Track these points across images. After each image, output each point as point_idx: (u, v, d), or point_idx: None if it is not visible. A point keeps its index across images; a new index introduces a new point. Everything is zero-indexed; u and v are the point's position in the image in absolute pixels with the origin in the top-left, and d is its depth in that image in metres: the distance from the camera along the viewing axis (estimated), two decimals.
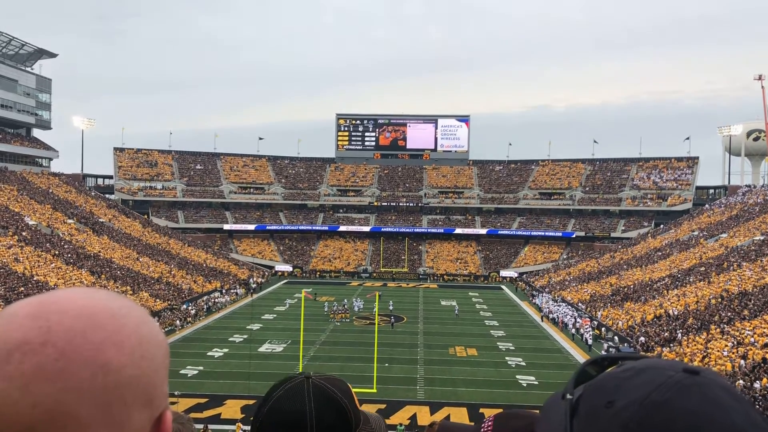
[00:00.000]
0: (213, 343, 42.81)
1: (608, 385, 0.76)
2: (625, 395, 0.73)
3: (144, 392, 0.80)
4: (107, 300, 0.82)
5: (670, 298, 48.75)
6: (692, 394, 0.70)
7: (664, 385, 0.71)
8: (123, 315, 0.81)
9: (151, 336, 0.83)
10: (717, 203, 79.08)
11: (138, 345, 0.80)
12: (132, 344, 0.79)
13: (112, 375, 0.76)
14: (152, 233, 77.14)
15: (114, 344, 0.77)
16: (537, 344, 44.53)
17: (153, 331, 0.84)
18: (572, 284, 65.39)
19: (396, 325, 49.88)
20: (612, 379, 0.77)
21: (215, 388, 32.21)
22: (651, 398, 0.71)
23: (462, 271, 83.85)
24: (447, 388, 33.20)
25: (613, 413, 0.72)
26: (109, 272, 55.63)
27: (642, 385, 0.73)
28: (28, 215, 62.49)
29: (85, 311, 0.78)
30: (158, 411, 0.83)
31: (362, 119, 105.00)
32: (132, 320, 0.81)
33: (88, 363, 0.75)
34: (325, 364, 37.17)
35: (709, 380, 0.73)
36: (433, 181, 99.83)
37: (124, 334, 0.79)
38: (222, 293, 61.83)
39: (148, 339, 0.82)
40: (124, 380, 0.77)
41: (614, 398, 0.73)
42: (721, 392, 0.72)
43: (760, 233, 57.70)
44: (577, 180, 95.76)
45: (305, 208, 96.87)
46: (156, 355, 0.83)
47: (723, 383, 0.73)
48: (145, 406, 0.80)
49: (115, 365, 0.77)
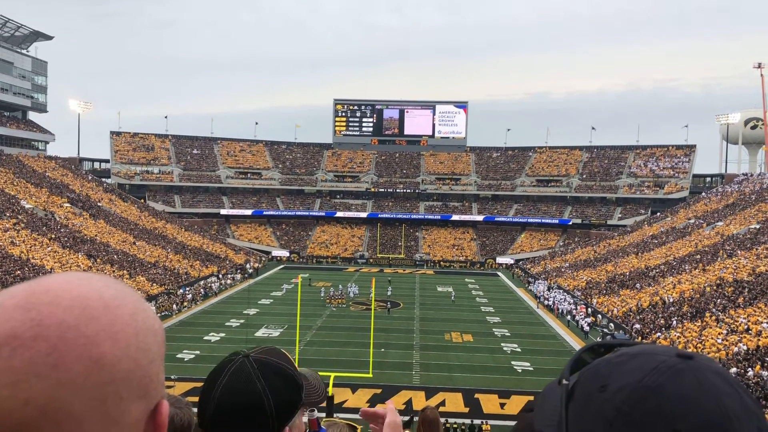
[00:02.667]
0: (210, 327, 42.93)
1: (602, 370, 0.76)
2: (619, 379, 0.73)
3: (139, 385, 0.77)
4: (100, 288, 0.78)
5: (665, 285, 48.97)
6: (685, 378, 0.71)
7: (656, 370, 0.72)
8: (117, 305, 0.77)
9: (146, 325, 0.80)
10: (713, 191, 79.22)
11: (133, 336, 0.77)
12: (127, 336, 0.76)
13: (107, 369, 0.73)
14: (149, 218, 77.06)
15: (108, 337, 0.75)
16: (532, 331, 44.75)
17: (148, 319, 0.81)
18: (568, 271, 65.60)
19: (392, 310, 50.05)
20: (606, 364, 0.77)
21: None
22: (644, 383, 0.71)
23: (458, 258, 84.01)
24: (442, 373, 33.39)
25: (607, 397, 0.73)
26: (106, 256, 55.61)
27: (635, 370, 0.73)
28: (25, 199, 62.31)
29: (77, 302, 0.75)
30: (154, 402, 0.81)
31: (360, 105, 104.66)
32: (126, 310, 0.78)
33: (82, 357, 0.72)
34: (321, 349, 37.37)
35: (703, 365, 0.73)
36: (430, 167, 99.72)
37: (119, 325, 0.76)
38: (219, 278, 61.90)
39: (143, 329, 0.79)
40: (119, 374, 0.74)
41: (608, 382, 0.74)
42: (715, 377, 0.71)
43: (756, 222, 57.88)
44: (575, 167, 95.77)
45: (302, 193, 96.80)
46: (151, 346, 0.80)
47: (717, 368, 0.73)
48: (140, 399, 0.78)
49: (110, 359, 0.74)
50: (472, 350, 38.35)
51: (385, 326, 43.14)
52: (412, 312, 50.04)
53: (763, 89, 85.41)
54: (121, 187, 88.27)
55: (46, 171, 75.38)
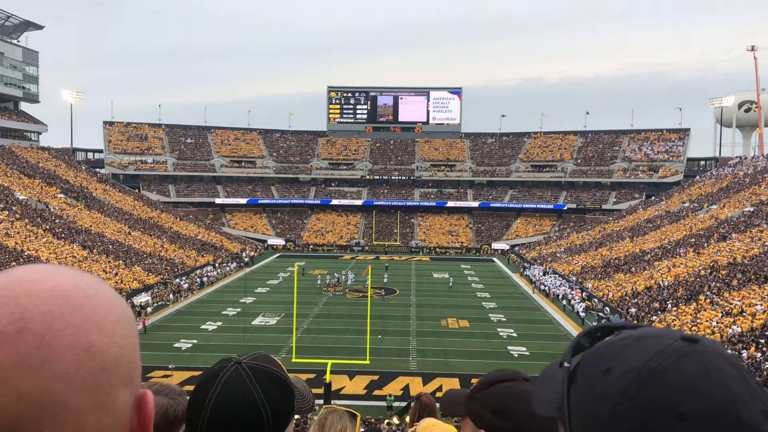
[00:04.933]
0: (207, 316, 42.98)
1: (606, 353, 0.76)
2: (623, 363, 0.72)
3: (126, 371, 0.77)
4: (74, 277, 0.77)
5: (660, 269, 49.20)
6: (691, 361, 0.70)
7: (662, 353, 0.71)
8: (95, 293, 0.77)
9: (124, 313, 0.79)
10: (707, 175, 79.40)
11: (117, 323, 0.77)
12: (111, 323, 0.76)
13: (98, 357, 0.73)
14: (143, 207, 76.86)
15: (95, 325, 0.74)
16: (528, 315, 44.96)
17: (123, 307, 0.80)
18: (563, 256, 65.82)
19: (388, 297, 50.18)
20: (610, 347, 0.77)
21: (209, 362, 32.34)
22: (649, 365, 0.70)
23: (454, 244, 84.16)
24: (439, 359, 33.55)
25: (611, 380, 0.72)
26: (101, 247, 55.51)
27: (640, 353, 0.72)
28: (18, 190, 62.05)
29: (56, 292, 0.73)
30: (137, 389, 0.80)
31: (354, 92, 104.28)
32: (105, 298, 0.78)
33: (73, 347, 0.71)
34: (318, 336, 37.48)
35: (709, 348, 0.72)
36: (425, 154, 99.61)
37: (102, 313, 0.75)
38: (215, 267, 61.90)
39: (123, 316, 0.78)
40: (109, 362, 0.74)
41: (612, 365, 0.73)
42: (720, 360, 0.71)
43: (750, 205, 58.09)
44: (569, 152, 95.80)
45: (297, 181, 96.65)
46: (132, 333, 0.80)
47: (722, 351, 0.73)
48: (126, 386, 0.77)
49: (100, 347, 0.73)
50: (469, 336, 38.52)
51: (382, 313, 43.28)
52: (408, 299, 50.18)
53: (756, 72, 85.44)
54: (115, 177, 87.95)
55: (39, 162, 75.00)
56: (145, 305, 44.14)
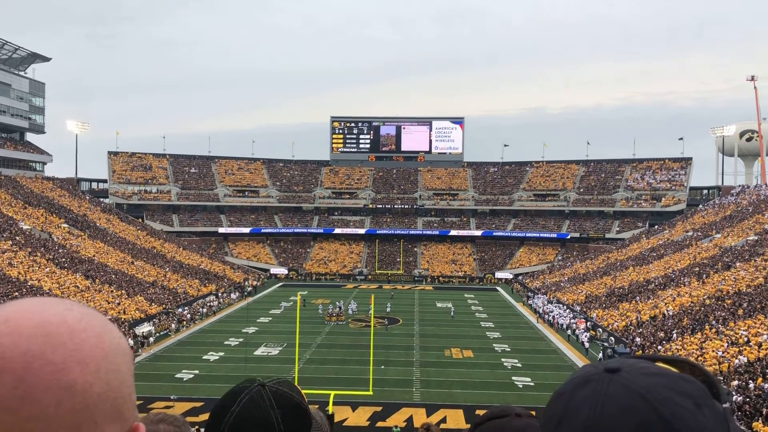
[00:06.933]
0: (208, 346, 42.71)
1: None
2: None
3: (113, 408, 0.74)
4: (62, 312, 0.75)
5: (665, 298, 48.90)
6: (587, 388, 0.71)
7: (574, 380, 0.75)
8: (82, 328, 0.75)
9: (114, 346, 0.77)
10: (710, 204, 79.38)
11: (103, 359, 0.74)
12: (96, 359, 0.73)
13: (80, 396, 0.71)
14: (147, 237, 76.96)
15: (77, 362, 0.72)
16: (533, 346, 44.59)
17: (115, 339, 0.78)
18: (567, 285, 65.51)
19: (392, 327, 49.87)
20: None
21: (211, 392, 32.10)
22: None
23: (457, 273, 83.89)
24: (443, 389, 33.20)
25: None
26: (104, 276, 55.45)
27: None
28: (22, 220, 62.25)
29: (40, 329, 0.72)
30: (128, 424, 0.78)
31: (357, 122, 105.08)
32: (93, 332, 0.75)
33: (52, 387, 0.69)
34: (320, 367, 37.17)
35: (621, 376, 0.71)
36: (427, 183, 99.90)
37: (87, 349, 0.73)
38: (217, 297, 61.71)
39: (112, 350, 0.76)
40: (91, 399, 0.72)
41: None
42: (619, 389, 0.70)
43: (754, 233, 57.95)
44: (572, 181, 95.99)
45: (300, 210, 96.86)
46: (121, 366, 0.77)
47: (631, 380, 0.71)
48: (114, 422, 0.75)
49: (82, 384, 0.71)
50: (473, 366, 38.17)
51: (385, 343, 42.97)
52: (411, 328, 49.86)
53: (757, 102, 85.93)
54: (119, 207, 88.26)
55: (44, 192, 75.38)
56: (148, 335, 43.95)
